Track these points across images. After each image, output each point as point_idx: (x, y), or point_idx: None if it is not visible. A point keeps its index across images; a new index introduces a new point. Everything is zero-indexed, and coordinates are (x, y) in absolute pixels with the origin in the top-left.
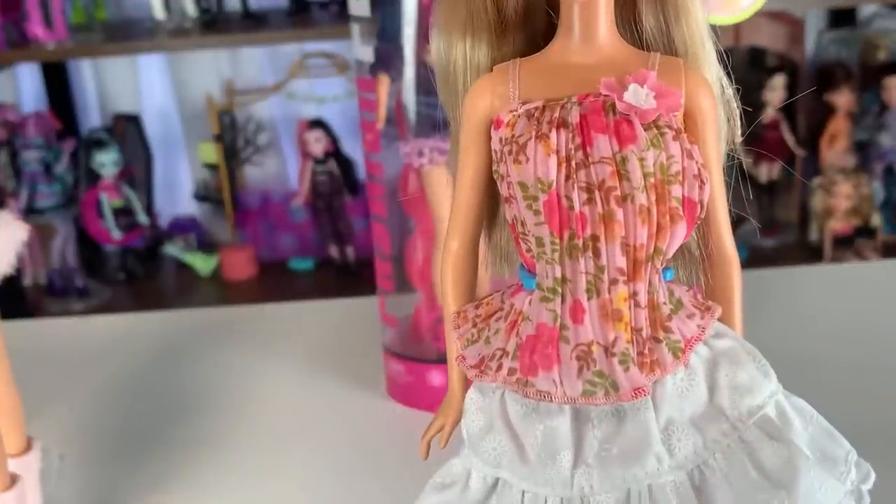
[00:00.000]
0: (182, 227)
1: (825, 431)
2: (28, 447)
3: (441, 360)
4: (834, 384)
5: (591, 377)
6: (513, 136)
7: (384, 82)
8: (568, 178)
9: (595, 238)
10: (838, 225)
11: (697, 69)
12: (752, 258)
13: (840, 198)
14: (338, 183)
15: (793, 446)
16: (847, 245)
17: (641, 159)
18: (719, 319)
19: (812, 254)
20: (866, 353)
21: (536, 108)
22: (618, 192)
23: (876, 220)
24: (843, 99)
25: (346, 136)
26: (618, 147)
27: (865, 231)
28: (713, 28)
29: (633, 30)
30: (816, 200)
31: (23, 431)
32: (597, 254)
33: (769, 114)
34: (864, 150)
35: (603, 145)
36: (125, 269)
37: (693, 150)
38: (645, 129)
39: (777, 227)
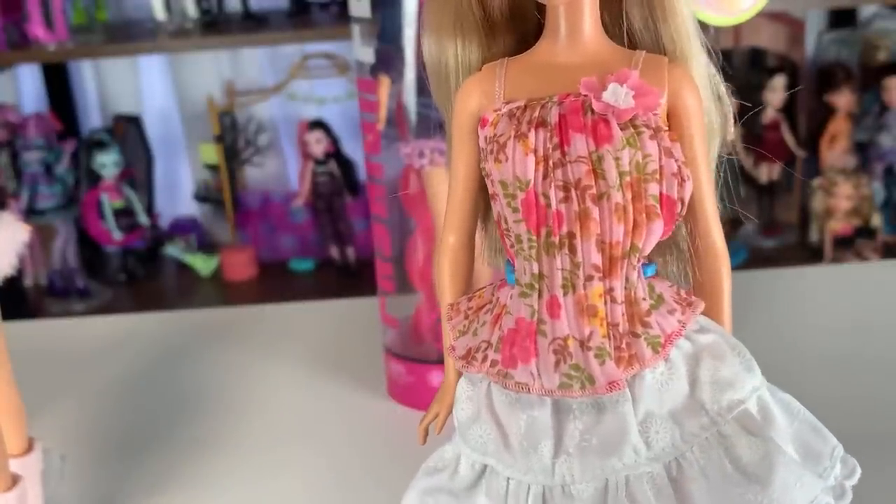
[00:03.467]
0: (182, 227)
1: (811, 427)
2: (29, 448)
3: (441, 360)
4: (834, 384)
5: (568, 370)
6: (494, 135)
7: (385, 83)
8: (545, 176)
9: (571, 235)
10: (838, 225)
11: (684, 66)
12: (753, 259)
13: (840, 198)
14: (338, 184)
15: (770, 442)
16: (847, 246)
17: (617, 158)
18: (707, 314)
19: (812, 254)
20: (866, 353)
21: (518, 108)
22: (593, 191)
23: (876, 220)
24: (843, 99)
25: (346, 137)
26: (594, 146)
27: (866, 231)
28: (705, 26)
29: (621, 28)
30: (817, 201)
31: (24, 432)
32: (573, 251)
33: (769, 114)
34: (864, 151)
35: (580, 145)
36: (126, 269)
37: (673, 148)
38: (622, 129)
39: (777, 227)
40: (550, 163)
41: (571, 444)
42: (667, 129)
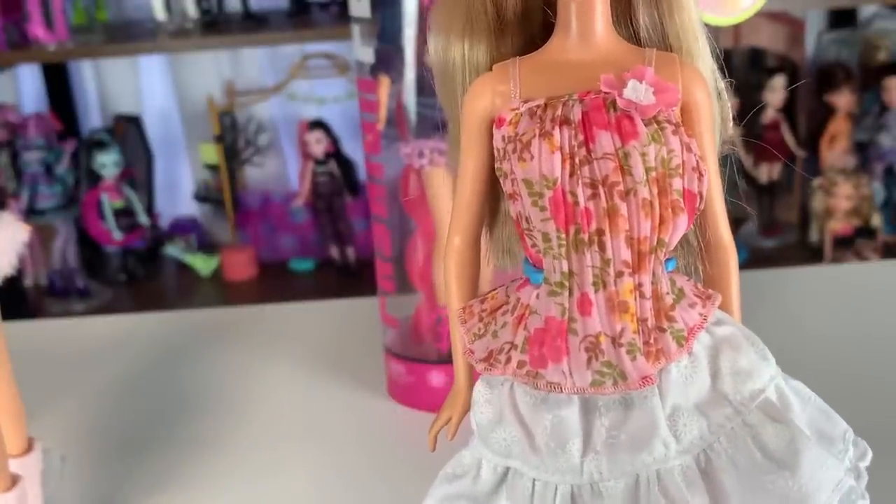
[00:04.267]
0: (183, 227)
1: (822, 412)
2: (29, 448)
3: (441, 360)
4: (834, 385)
5: (600, 367)
6: (516, 134)
7: (385, 83)
8: (572, 174)
9: (600, 232)
10: (838, 225)
11: (692, 63)
12: (753, 258)
13: (840, 198)
14: (338, 184)
15: (794, 427)
16: (847, 246)
17: (643, 154)
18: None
19: (812, 254)
20: (866, 353)
21: (538, 107)
22: (621, 187)
23: (876, 220)
24: (843, 99)
25: (346, 137)
26: (620, 143)
27: (866, 231)
28: (708, 26)
29: (628, 25)
30: (817, 201)
31: (24, 432)
32: (602, 247)
33: (769, 114)
34: (864, 151)
35: (605, 141)
36: (126, 269)
37: (691, 143)
38: (645, 125)
39: (777, 227)
40: (577, 160)
41: (599, 442)
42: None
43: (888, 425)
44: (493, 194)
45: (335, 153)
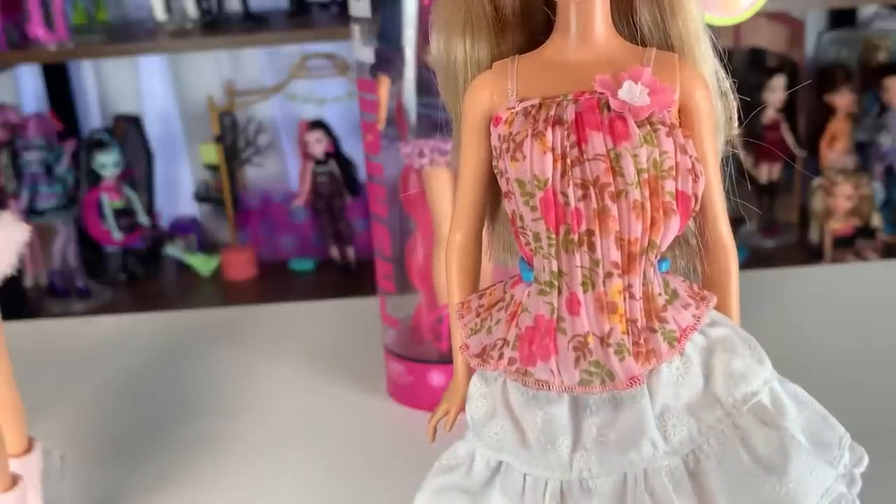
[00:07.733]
0: (183, 227)
1: (819, 416)
2: (29, 448)
3: (441, 360)
4: (833, 385)
5: (588, 367)
6: (510, 133)
7: (385, 83)
8: (563, 174)
9: (590, 233)
10: (838, 225)
11: (693, 63)
12: (752, 258)
13: (840, 198)
14: (338, 184)
15: (785, 433)
16: (847, 245)
17: (635, 156)
18: (716, 307)
19: (812, 254)
20: (866, 353)
21: (533, 106)
22: (612, 188)
23: (876, 220)
24: (843, 100)
25: (346, 137)
26: (612, 144)
27: (865, 232)
28: (709, 26)
29: (630, 24)
30: (816, 201)
31: (24, 432)
32: (592, 248)
33: (769, 114)
34: (864, 151)
35: (597, 142)
36: (126, 269)
37: (687, 144)
38: (638, 126)
39: (777, 227)
40: (568, 161)
41: (589, 440)
42: (679, 125)
43: (887, 425)
44: (493, 191)
45: (335, 153)
